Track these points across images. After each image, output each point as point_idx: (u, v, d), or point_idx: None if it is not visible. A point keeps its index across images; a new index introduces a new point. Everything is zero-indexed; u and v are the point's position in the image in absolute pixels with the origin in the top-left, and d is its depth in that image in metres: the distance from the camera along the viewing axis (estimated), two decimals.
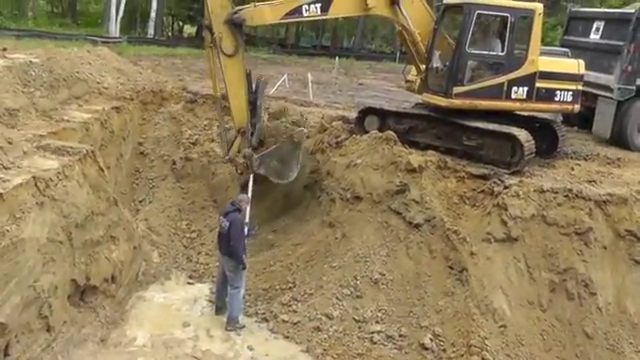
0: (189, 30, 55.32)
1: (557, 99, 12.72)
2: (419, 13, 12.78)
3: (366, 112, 13.58)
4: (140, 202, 14.04)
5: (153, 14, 39.33)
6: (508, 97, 12.40)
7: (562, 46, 17.02)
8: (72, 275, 9.18)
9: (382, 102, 15.83)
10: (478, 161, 12.17)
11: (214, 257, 11.96)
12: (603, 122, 15.31)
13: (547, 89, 12.56)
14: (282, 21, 12.47)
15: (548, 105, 12.83)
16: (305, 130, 13.23)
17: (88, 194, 9.82)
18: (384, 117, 13.31)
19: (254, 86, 12.40)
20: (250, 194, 11.45)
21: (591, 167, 13.16)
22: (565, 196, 11.15)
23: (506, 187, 11.15)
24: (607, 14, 17.25)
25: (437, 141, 12.71)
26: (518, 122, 12.70)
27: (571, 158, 13.74)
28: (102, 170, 10.69)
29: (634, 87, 14.90)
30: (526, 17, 12.37)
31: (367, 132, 12.87)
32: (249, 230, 10.86)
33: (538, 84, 12.45)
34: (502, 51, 12.38)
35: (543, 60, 12.49)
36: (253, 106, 12.27)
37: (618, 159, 13.88)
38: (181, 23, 55.10)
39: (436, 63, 12.82)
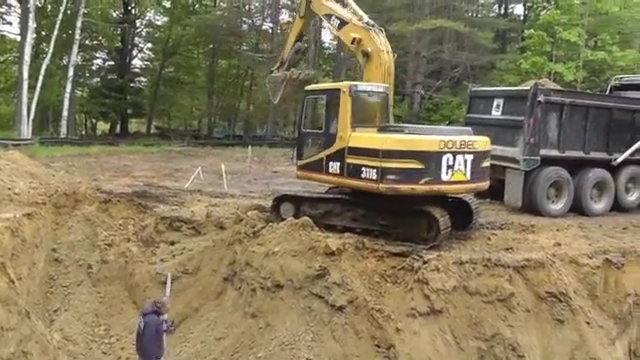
0: (102, 127, 54.81)
1: (362, 176, 12.12)
2: (374, 78, 13.57)
3: (281, 199, 13.66)
4: (55, 311, 13.32)
5: (65, 113, 38.49)
6: (327, 171, 12.88)
7: (466, 124, 17.86)
8: None
9: (297, 188, 15.93)
10: (396, 239, 12.28)
11: None
12: (514, 192, 15.90)
13: (354, 165, 12.31)
14: (322, 16, 15.55)
15: (356, 181, 12.33)
16: (302, 74, 16.11)
17: None
18: (299, 203, 13.39)
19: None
20: (169, 291, 11.16)
21: (507, 235, 13.55)
22: (484, 265, 11.45)
23: (425, 262, 11.32)
24: (505, 92, 18.24)
25: (353, 223, 12.79)
26: (431, 199, 12.99)
27: (487, 228, 14.08)
28: (12, 282, 10.27)
29: (538, 157, 15.63)
30: (336, 96, 12.96)
31: (283, 219, 12.89)
32: (168, 326, 10.53)
33: (347, 160, 12.46)
34: (322, 129, 13.17)
35: (356, 136, 12.55)
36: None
37: (532, 225, 14.35)
38: (94, 120, 54.52)
39: None
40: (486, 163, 12.57)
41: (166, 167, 24.71)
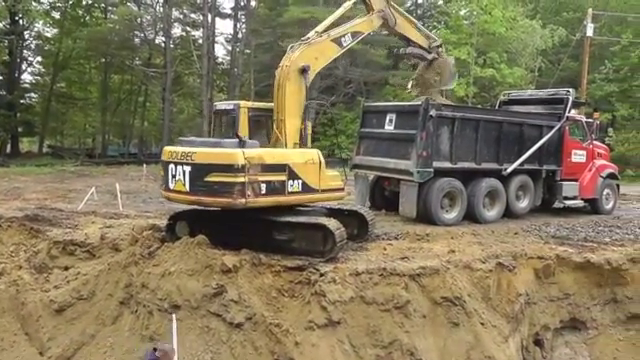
0: None
1: None
2: None
3: (176, 218, 13.38)
4: None
5: None
6: None
7: (360, 138, 18.27)
8: None
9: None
10: (292, 254, 12.21)
11: None
12: (408, 203, 16.24)
13: None
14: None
15: None
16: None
17: None
18: (194, 221, 13.14)
19: None
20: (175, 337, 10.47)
21: (402, 245, 13.80)
22: (380, 275, 11.64)
23: (322, 275, 11.41)
24: (397, 107, 18.63)
25: (249, 239, 12.56)
26: (327, 213, 13.23)
27: (383, 239, 14.29)
28: None
29: (432, 169, 16.06)
30: None
31: (179, 238, 12.65)
32: None
33: None
34: None
35: None
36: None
37: (427, 234, 14.66)
38: None
39: None
40: (217, 178, 11.53)
41: (59, 188, 23.88)
